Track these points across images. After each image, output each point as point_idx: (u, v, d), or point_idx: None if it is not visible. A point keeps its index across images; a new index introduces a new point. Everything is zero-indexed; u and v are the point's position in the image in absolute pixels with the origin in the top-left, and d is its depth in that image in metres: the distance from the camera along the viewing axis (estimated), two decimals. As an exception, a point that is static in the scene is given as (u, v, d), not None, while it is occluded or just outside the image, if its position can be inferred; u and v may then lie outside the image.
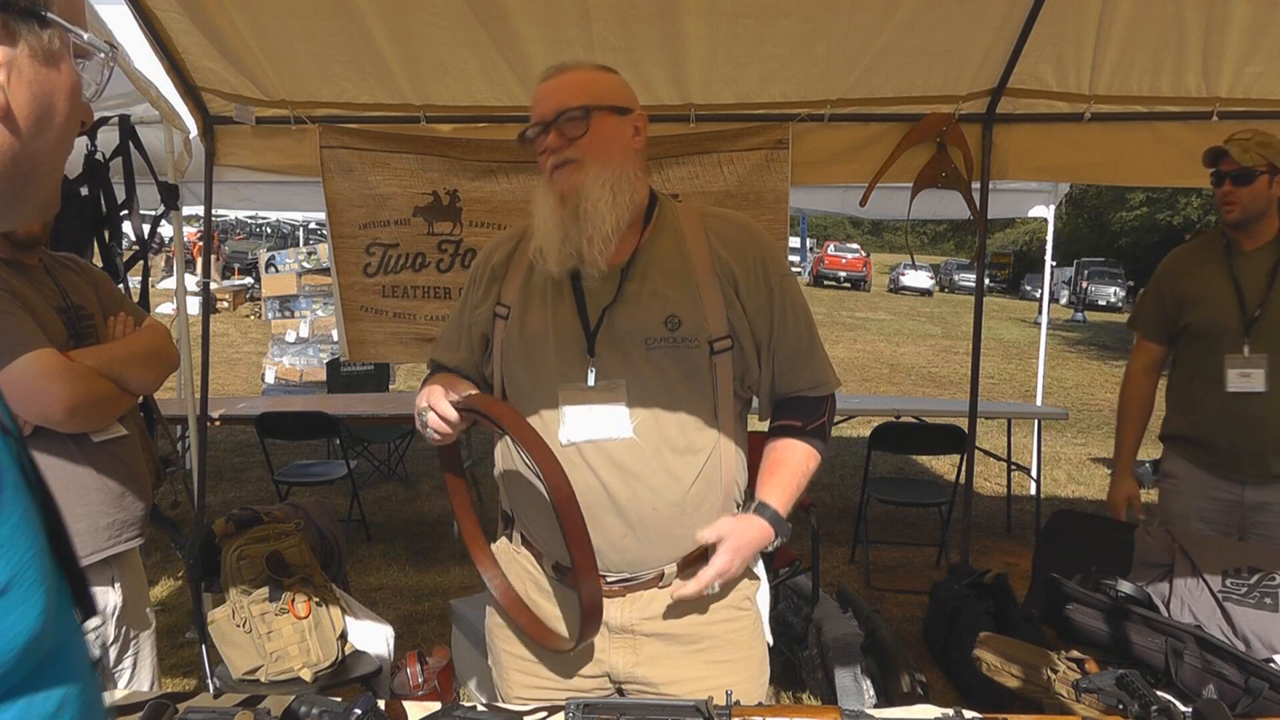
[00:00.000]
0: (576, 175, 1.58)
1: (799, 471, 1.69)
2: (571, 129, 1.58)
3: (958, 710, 1.56)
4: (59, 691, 0.62)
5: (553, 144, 1.59)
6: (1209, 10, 3.12)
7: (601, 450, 1.58)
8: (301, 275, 9.05)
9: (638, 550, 1.60)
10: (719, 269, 1.63)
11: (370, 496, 6.10)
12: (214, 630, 2.80)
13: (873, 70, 3.49)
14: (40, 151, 0.69)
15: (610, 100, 1.62)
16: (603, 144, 1.59)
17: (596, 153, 1.58)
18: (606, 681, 1.70)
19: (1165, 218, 28.18)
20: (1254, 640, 2.37)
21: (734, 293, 1.63)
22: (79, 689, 0.64)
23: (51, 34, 0.67)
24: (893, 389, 12.00)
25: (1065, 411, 7.27)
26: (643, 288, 1.61)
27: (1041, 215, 6.39)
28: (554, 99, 1.60)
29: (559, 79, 1.62)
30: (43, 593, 0.60)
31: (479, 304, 1.75)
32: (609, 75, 1.67)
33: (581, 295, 1.63)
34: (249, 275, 19.36)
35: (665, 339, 1.59)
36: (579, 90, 1.60)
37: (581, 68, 1.65)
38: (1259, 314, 2.76)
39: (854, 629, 3.46)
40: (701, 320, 1.60)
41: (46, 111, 0.68)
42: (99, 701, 0.68)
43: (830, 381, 1.72)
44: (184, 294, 4.81)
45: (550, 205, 1.60)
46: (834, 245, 32.99)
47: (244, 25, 3.29)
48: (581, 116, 1.57)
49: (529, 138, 1.63)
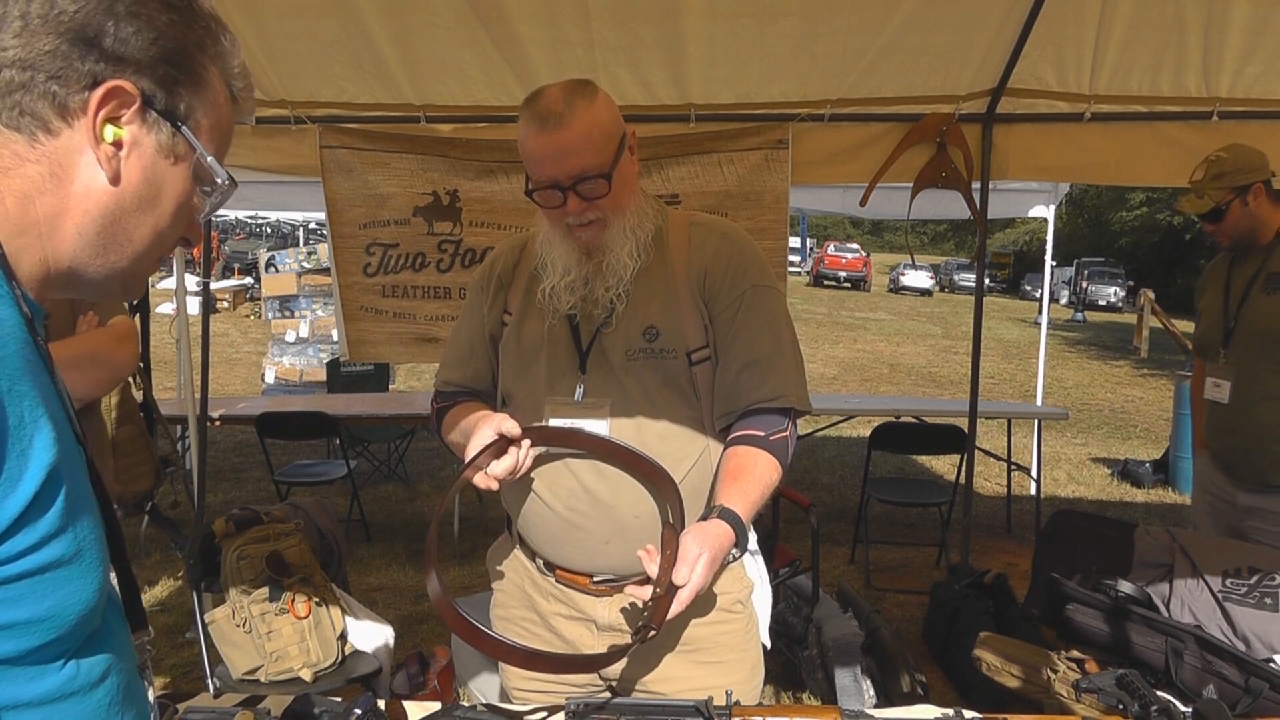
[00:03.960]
0: (602, 233, 1.56)
1: (762, 481, 1.54)
2: (592, 191, 1.52)
3: (958, 710, 1.56)
4: (103, 663, 0.73)
5: (574, 209, 1.53)
6: (1209, 10, 3.12)
7: (584, 457, 1.59)
8: (301, 275, 9.06)
9: (621, 555, 1.60)
10: (694, 277, 1.62)
11: (370, 496, 6.10)
12: (214, 630, 2.80)
13: (873, 70, 3.49)
14: (137, 229, 0.79)
15: (615, 143, 1.54)
16: (621, 195, 1.55)
17: (618, 206, 1.55)
18: (597, 679, 1.71)
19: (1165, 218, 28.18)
20: (1254, 640, 2.37)
21: (704, 300, 1.61)
22: (121, 668, 0.75)
23: (179, 140, 0.79)
24: (893, 389, 12.00)
25: (1065, 411, 7.28)
26: (628, 303, 1.61)
27: (1041, 215, 6.39)
28: (566, 162, 1.50)
29: (561, 135, 1.49)
30: (100, 573, 0.71)
31: (488, 311, 1.75)
32: (601, 109, 1.53)
33: (575, 314, 1.64)
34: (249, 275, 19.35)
35: (644, 349, 1.59)
36: (590, 149, 1.50)
37: (576, 112, 1.49)
38: (1234, 324, 2.79)
39: (854, 629, 3.46)
40: (679, 331, 1.60)
41: (153, 195, 0.79)
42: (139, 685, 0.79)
43: (791, 396, 1.59)
44: (184, 294, 4.81)
45: (573, 256, 1.58)
46: (834, 245, 33.00)
47: (244, 25, 3.29)
48: (603, 180, 1.51)
49: (539, 193, 1.55)
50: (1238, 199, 2.72)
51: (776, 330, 1.63)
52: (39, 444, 0.66)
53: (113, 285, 0.82)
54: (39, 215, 0.74)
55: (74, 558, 0.69)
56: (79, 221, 0.76)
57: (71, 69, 0.73)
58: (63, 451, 0.68)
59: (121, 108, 0.75)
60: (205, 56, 0.81)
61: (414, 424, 6.27)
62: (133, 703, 0.77)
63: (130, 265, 0.81)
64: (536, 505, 1.64)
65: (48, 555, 0.67)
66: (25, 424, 0.65)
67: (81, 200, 0.75)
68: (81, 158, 0.75)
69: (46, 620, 0.68)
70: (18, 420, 0.65)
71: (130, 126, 0.76)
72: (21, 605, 0.66)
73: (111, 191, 0.76)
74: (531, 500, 1.64)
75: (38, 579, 0.67)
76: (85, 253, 0.77)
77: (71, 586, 0.69)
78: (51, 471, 0.66)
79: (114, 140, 0.75)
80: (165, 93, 0.77)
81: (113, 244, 0.78)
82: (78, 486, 0.70)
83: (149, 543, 5.16)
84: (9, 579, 0.66)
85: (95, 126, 0.74)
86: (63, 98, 0.73)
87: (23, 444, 0.65)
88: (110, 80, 0.74)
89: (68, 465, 0.69)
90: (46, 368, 0.72)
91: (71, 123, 0.74)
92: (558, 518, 1.62)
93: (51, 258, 0.76)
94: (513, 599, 1.77)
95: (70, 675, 0.71)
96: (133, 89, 0.75)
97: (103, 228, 0.77)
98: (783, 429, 1.59)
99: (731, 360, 1.61)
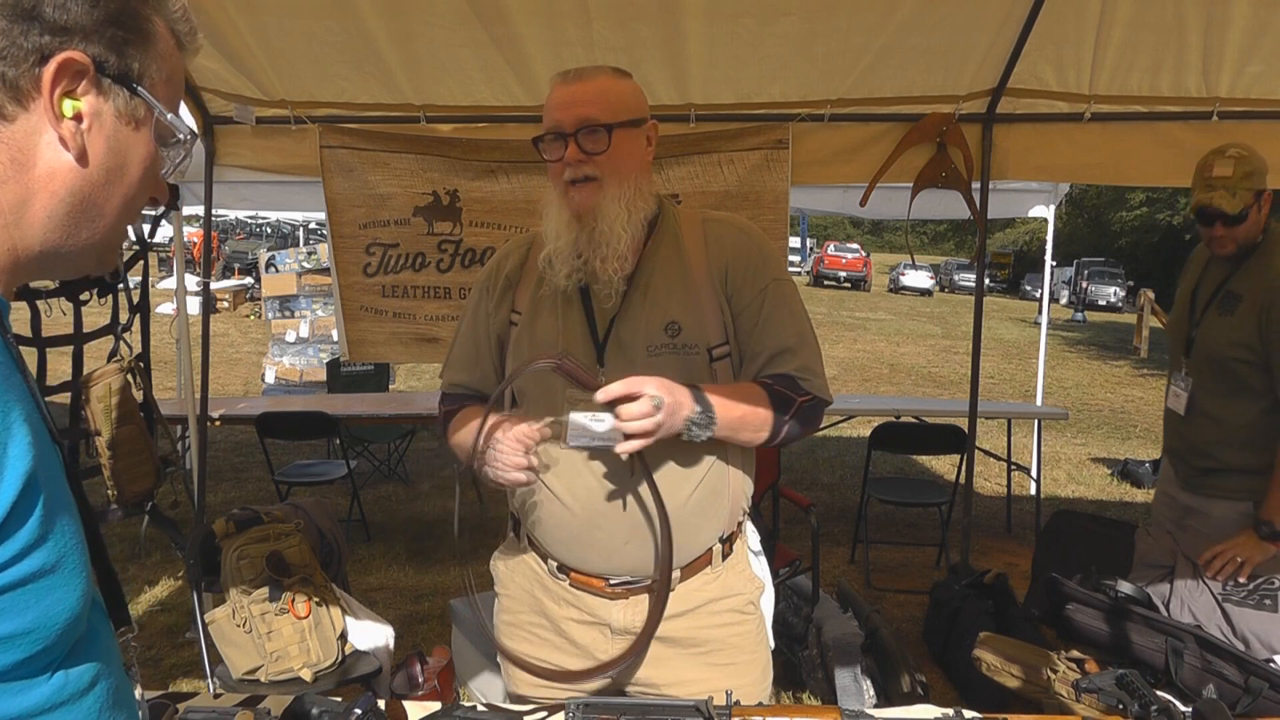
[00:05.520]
0: (595, 195, 1.57)
1: (752, 398, 1.57)
2: (592, 144, 1.54)
3: (958, 710, 1.56)
4: (92, 669, 0.72)
5: (571, 157, 1.55)
6: (1209, 10, 3.12)
7: (603, 457, 1.58)
8: (301, 275, 9.05)
9: (640, 556, 1.60)
10: (715, 273, 1.63)
11: (370, 496, 6.10)
12: (214, 630, 2.80)
13: (873, 70, 3.49)
14: (107, 201, 0.76)
15: (630, 114, 1.58)
16: (621, 160, 1.57)
17: (615, 170, 1.56)
18: (610, 682, 1.70)
19: (1165, 218, 28.20)
20: (1254, 640, 2.37)
21: (726, 297, 1.63)
22: (109, 671, 0.74)
23: (138, 103, 0.76)
24: (893, 389, 11.99)
25: (1065, 411, 7.27)
26: (645, 296, 1.61)
27: (1041, 215, 6.38)
28: (575, 109, 1.55)
29: (579, 86, 1.56)
30: (83, 579, 0.69)
31: (494, 311, 1.74)
32: (626, 83, 1.62)
33: (590, 305, 1.63)
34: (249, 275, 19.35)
35: (666, 345, 1.59)
36: (601, 103, 1.55)
37: (601, 74, 1.59)
38: (1194, 334, 2.72)
39: (854, 629, 3.46)
40: (701, 327, 1.61)
41: (119, 166, 0.76)
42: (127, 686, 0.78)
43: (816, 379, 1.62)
44: (184, 294, 4.81)
45: (564, 220, 1.59)
46: (834, 245, 33.01)
47: (244, 25, 3.29)
48: (604, 132, 1.54)
49: (544, 143, 1.59)
50: (1256, 203, 2.58)
51: (800, 323, 1.66)
52: (14, 451, 0.63)
53: (87, 261, 0.79)
54: (3, 205, 0.71)
55: (55, 566, 0.67)
56: (47, 205, 0.73)
57: (15, 47, 0.69)
58: (39, 455, 0.66)
59: (76, 80, 0.72)
60: (148, 8, 0.77)
61: (414, 424, 6.27)
62: (123, 706, 0.76)
63: (103, 238, 0.79)
64: (553, 506, 1.62)
65: (29, 567, 0.65)
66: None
67: (47, 183, 0.72)
68: (41, 139, 0.72)
69: (31, 633, 0.66)
70: None
71: (87, 97, 0.73)
72: (4, 620, 0.64)
73: (78, 170, 0.73)
74: (547, 501, 1.62)
75: (19, 592, 0.65)
76: (56, 235, 0.74)
77: (55, 596, 0.67)
78: (29, 479, 0.64)
79: (73, 115, 0.72)
80: (116, 56, 0.74)
81: (84, 221, 0.75)
82: (56, 491, 0.68)
83: (149, 543, 5.16)
84: None
85: (54, 104, 0.71)
86: (13, 79, 0.70)
87: None
88: (59, 53, 0.70)
89: (45, 469, 0.66)
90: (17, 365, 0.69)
91: (26, 105, 0.71)
92: (575, 519, 1.60)
93: (20, 246, 0.73)
94: (520, 604, 1.75)
95: (59, 685, 0.69)
96: (84, 58, 0.71)
97: (72, 207, 0.74)
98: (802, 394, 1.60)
99: (759, 351, 1.63)
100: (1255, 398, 2.58)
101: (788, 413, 1.59)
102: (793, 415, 1.60)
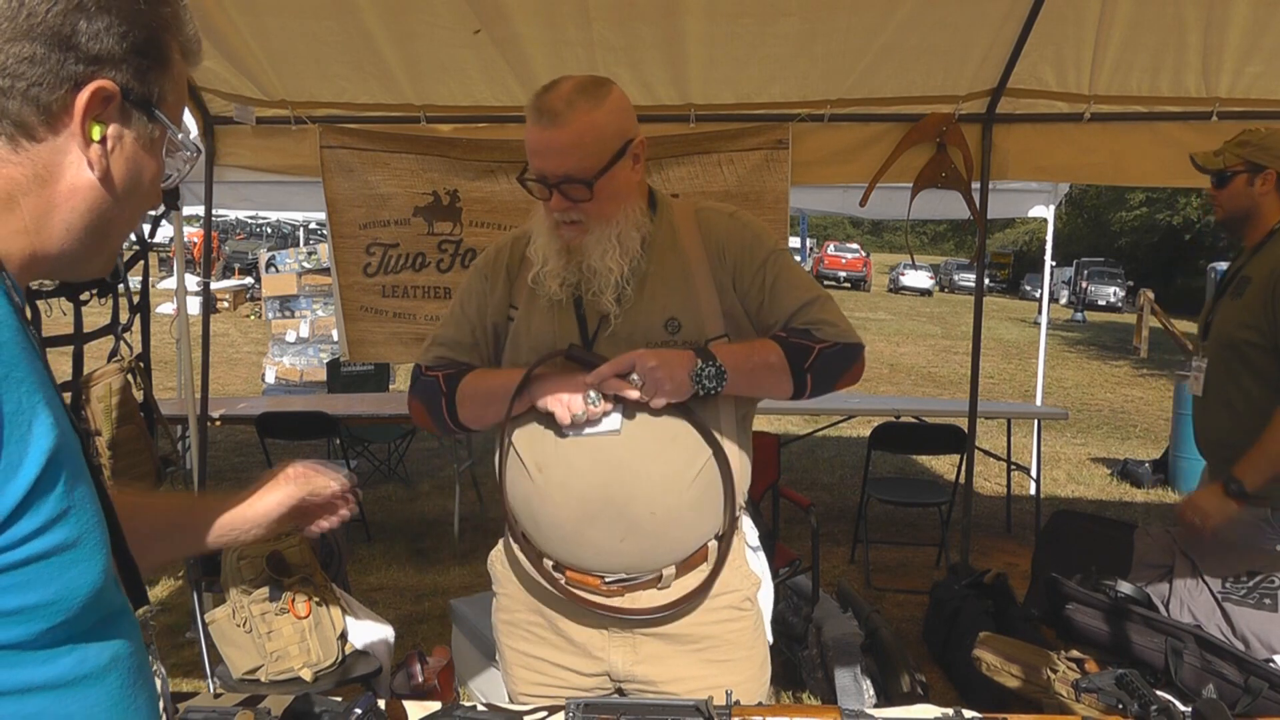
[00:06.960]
0: (583, 235, 1.57)
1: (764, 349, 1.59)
2: (576, 193, 1.53)
3: (958, 710, 1.56)
4: (111, 648, 0.75)
5: (556, 206, 1.55)
6: (1209, 10, 3.12)
7: (599, 453, 1.58)
8: (301, 275, 9.05)
9: (636, 553, 1.60)
10: (715, 261, 1.63)
11: (370, 496, 6.10)
12: (214, 630, 2.80)
13: (873, 70, 3.49)
14: (120, 215, 0.82)
15: (612, 151, 1.53)
16: (607, 202, 1.56)
17: (601, 212, 1.56)
18: (607, 680, 1.70)
19: (1165, 218, 28.18)
20: (1253, 640, 2.37)
21: (730, 281, 1.63)
22: (129, 653, 0.77)
23: (155, 127, 0.81)
24: (893, 389, 11.99)
25: (1065, 411, 7.28)
26: (642, 292, 1.61)
27: (1041, 215, 6.38)
28: (554, 160, 1.52)
29: (555, 134, 1.50)
30: (103, 555, 0.73)
31: (491, 294, 1.71)
32: (603, 112, 1.52)
33: (582, 304, 1.63)
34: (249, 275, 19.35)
35: (666, 342, 1.59)
36: (579, 153, 1.50)
37: (575, 113, 1.49)
38: (1211, 318, 2.76)
39: (854, 629, 3.46)
40: (700, 322, 1.61)
41: (134, 185, 0.81)
42: (148, 668, 0.80)
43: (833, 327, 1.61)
44: (184, 294, 4.81)
45: (554, 249, 1.60)
46: (834, 245, 33.04)
47: (244, 25, 3.29)
48: (585, 186, 1.52)
49: (529, 180, 1.58)
50: (1246, 174, 2.64)
51: (807, 282, 1.67)
52: (38, 430, 0.67)
53: (95, 266, 0.84)
54: (25, 213, 0.75)
55: (77, 541, 0.70)
56: (66, 218, 0.77)
57: (51, 74, 0.73)
58: (61, 436, 0.69)
59: (104, 105, 0.76)
60: (169, 36, 0.81)
61: (414, 424, 6.25)
62: (144, 687, 0.78)
63: (113, 246, 0.85)
64: (548, 505, 1.62)
65: (51, 540, 0.68)
66: (23, 410, 0.67)
67: (69, 198, 0.77)
68: (67, 157, 0.76)
69: (53, 604, 0.69)
70: (15, 407, 0.66)
71: (113, 122, 0.78)
72: (28, 590, 0.68)
73: (99, 188, 0.78)
74: (543, 500, 1.62)
75: (43, 564, 0.68)
76: (73, 244, 0.79)
77: (76, 570, 0.70)
78: (51, 456, 0.68)
79: (100, 138, 0.77)
80: (140, 83, 0.78)
81: (99, 233, 0.80)
82: (77, 471, 0.71)
83: (149, 543, 5.15)
84: (14, 564, 0.67)
85: (84, 130, 0.75)
86: (46, 102, 0.74)
87: (21, 430, 0.66)
88: (92, 82, 0.75)
89: (66, 450, 0.70)
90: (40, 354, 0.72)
91: (56, 127, 0.75)
92: (570, 516, 1.60)
93: (40, 250, 0.77)
94: (518, 603, 1.75)
95: (79, 659, 0.72)
96: (113, 86, 0.76)
97: (89, 221, 0.79)
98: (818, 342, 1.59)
99: (774, 321, 1.63)
100: (1264, 383, 2.60)
101: (807, 360, 1.59)
102: (813, 362, 1.59)
